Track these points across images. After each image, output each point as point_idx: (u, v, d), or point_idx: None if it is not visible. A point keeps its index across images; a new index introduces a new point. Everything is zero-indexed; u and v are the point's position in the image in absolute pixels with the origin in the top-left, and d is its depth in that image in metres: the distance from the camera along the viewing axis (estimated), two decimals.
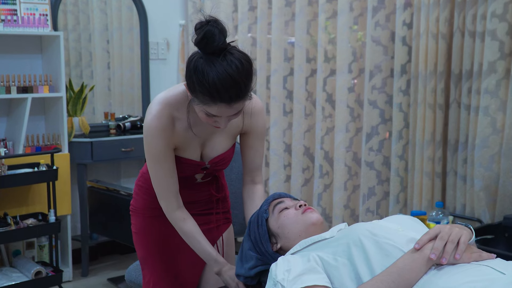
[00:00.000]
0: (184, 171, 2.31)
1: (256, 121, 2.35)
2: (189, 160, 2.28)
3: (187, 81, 1.96)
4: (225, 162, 2.39)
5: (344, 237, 1.83)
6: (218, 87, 1.88)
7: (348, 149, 3.94)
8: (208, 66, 1.88)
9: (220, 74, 1.87)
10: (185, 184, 2.35)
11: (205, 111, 1.98)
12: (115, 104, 5.09)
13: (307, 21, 4.13)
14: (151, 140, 2.15)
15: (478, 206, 3.12)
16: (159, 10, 5.07)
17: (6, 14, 4.08)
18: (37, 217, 4.09)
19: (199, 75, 1.89)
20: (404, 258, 1.67)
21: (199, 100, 1.95)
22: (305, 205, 2.11)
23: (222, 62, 1.88)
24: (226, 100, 1.91)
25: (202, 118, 2.03)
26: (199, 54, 1.92)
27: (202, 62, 1.89)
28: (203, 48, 1.90)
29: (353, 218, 3.99)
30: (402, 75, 3.54)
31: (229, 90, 1.89)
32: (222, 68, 1.87)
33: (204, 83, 1.88)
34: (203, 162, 2.32)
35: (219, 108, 1.94)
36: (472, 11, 3.11)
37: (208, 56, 1.90)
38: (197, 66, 1.90)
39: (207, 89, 1.89)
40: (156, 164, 2.20)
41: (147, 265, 2.51)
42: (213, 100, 1.91)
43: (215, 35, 1.88)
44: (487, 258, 1.69)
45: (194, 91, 1.94)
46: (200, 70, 1.89)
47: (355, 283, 1.72)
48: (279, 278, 1.77)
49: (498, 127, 3.03)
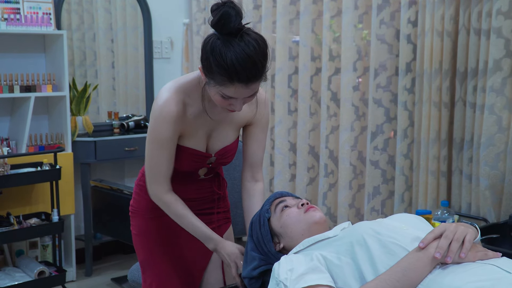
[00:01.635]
0: (190, 165, 2.30)
1: (261, 110, 2.36)
2: (196, 151, 2.26)
3: (203, 63, 1.98)
4: (230, 155, 2.39)
5: (348, 236, 1.82)
6: (236, 67, 1.90)
7: (353, 148, 3.92)
8: (226, 46, 1.90)
9: (238, 54, 1.89)
10: (188, 181, 2.34)
11: (221, 93, 1.99)
12: (119, 104, 5.09)
13: (312, 19, 4.11)
14: (159, 125, 2.14)
15: (483, 205, 3.10)
16: (163, 9, 5.07)
17: (9, 12, 4.08)
18: (40, 216, 4.10)
19: (217, 55, 1.91)
20: (409, 257, 1.65)
21: (215, 81, 1.96)
22: (308, 203, 2.09)
23: (240, 42, 1.91)
24: (243, 80, 1.93)
25: (217, 101, 2.04)
26: (216, 35, 1.94)
27: (220, 43, 1.91)
28: (219, 29, 1.92)
29: (358, 217, 3.97)
30: (407, 74, 3.51)
31: (247, 70, 1.92)
32: (240, 48, 1.90)
33: (222, 63, 1.90)
34: (210, 154, 2.31)
35: (236, 88, 1.96)
36: (478, 8, 3.09)
37: (225, 37, 1.92)
38: (214, 47, 1.92)
39: (225, 69, 1.91)
40: (158, 149, 2.18)
41: (149, 267, 2.49)
42: (230, 81, 1.93)
43: (231, 16, 1.89)
44: (493, 257, 1.68)
45: (211, 72, 1.95)
46: (218, 51, 1.91)
47: (358, 282, 1.70)
48: (282, 278, 1.75)
49: (504, 126, 3.01)
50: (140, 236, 2.49)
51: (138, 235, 2.50)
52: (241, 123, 2.36)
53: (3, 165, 3.75)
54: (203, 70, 2.00)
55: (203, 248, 2.44)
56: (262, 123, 2.40)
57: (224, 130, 2.31)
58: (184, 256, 2.48)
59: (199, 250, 2.46)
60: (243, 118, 2.33)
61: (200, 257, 2.50)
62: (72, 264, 4.47)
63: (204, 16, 5.01)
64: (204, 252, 2.47)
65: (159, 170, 2.22)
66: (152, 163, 2.22)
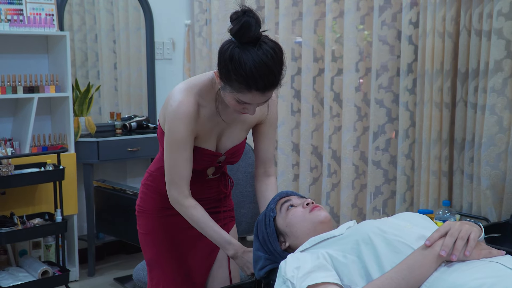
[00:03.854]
0: (200, 164, 2.32)
1: (271, 109, 2.40)
2: (207, 151, 2.29)
3: (221, 70, 2.01)
4: (239, 154, 2.42)
5: (353, 234, 1.83)
6: (255, 76, 1.94)
7: (356, 148, 3.94)
8: (245, 55, 1.94)
9: (257, 63, 1.93)
10: (196, 180, 2.35)
11: (237, 99, 2.03)
12: (122, 104, 5.10)
13: (314, 20, 4.13)
14: (177, 126, 2.16)
15: (484, 205, 3.11)
16: (165, 10, 5.08)
17: (12, 14, 4.09)
18: (43, 216, 4.10)
19: (236, 64, 1.94)
20: (414, 255, 1.67)
21: (232, 88, 2.00)
22: (313, 203, 2.11)
23: (258, 51, 1.94)
24: (261, 88, 1.98)
25: (231, 105, 2.08)
26: (234, 43, 1.97)
27: (239, 51, 1.95)
28: (239, 38, 1.96)
29: (360, 217, 3.99)
30: (409, 74, 3.53)
31: (264, 78, 1.96)
32: (258, 57, 1.94)
33: (241, 71, 1.94)
34: (220, 153, 2.34)
35: (253, 96, 2.00)
36: (479, 9, 3.10)
37: (243, 45, 1.95)
38: (233, 55, 1.95)
39: (243, 77, 1.95)
40: (176, 150, 2.19)
41: (157, 266, 2.50)
42: (248, 88, 1.98)
43: (251, 26, 1.93)
44: (497, 254, 1.70)
45: (229, 80, 1.99)
46: (237, 59, 1.94)
47: (364, 280, 1.72)
48: (289, 276, 1.77)
49: (505, 126, 3.03)
50: (147, 235, 2.50)
51: (145, 234, 2.51)
52: (252, 123, 2.39)
53: (7, 166, 3.76)
54: (220, 76, 2.03)
55: (209, 247, 2.46)
56: (272, 120, 2.43)
57: (235, 130, 2.34)
58: (191, 254, 2.49)
59: (205, 248, 2.49)
60: (254, 118, 2.37)
61: (206, 256, 2.51)
62: (75, 264, 4.48)
63: (206, 17, 5.03)
64: (210, 250, 2.50)
65: (179, 173, 2.22)
66: (171, 165, 2.23)
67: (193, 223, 2.29)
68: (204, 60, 5.03)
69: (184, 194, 2.25)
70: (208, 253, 2.51)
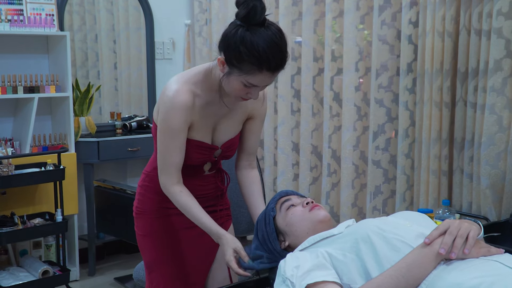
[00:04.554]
0: (197, 158, 2.33)
1: (265, 103, 2.45)
2: (202, 143, 2.30)
3: (229, 54, 2.04)
4: (234, 148, 2.44)
5: (353, 233, 1.84)
6: (268, 55, 1.99)
7: (355, 147, 3.94)
8: (256, 36, 1.99)
9: (269, 43, 1.99)
10: (193, 177, 2.37)
11: (245, 82, 2.07)
12: (122, 104, 5.11)
13: (314, 20, 4.13)
14: (172, 115, 2.18)
15: (484, 204, 3.12)
16: (165, 10, 5.09)
17: (13, 14, 4.10)
18: (44, 216, 4.11)
19: (248, 45, 1.99)
20: (414, 253, 1.68)
21: (242, 70, 2.04)
22: (312, 202, 2.11)
23: (267, 31, 2.01)
24: (272, 68, 2.03)
25: (235, 91, 2.12)
26: (242, 26, 2.01)
27: (249, 33, 2.00)
28: (247, 21, 2.00)
29: (360, 216, 3.99)
30: (408, 74, 3.54)
31: (276, 58, 2.02)
32: (269, 37, 2.00)
33: (253, 52, 1.99)
34: (216, 146, 2.35)
35: (263, 76, 2.05)
36: (478, 9, 3.11)
37: (252, 28, 2.00)
38: (245, 37, 2.00)
39: (256, 57, 1.99)
40: (170, 138, 2.21)
41: (156, 268, 2.49)
42: (259, 69, 2.02)
43: (259, 9, 1.99)
44: (496, 253, 1.70)
45: (240, 62, 2.03)
46: (249, 40, 1.99)
47: (363, 278, 1.73)
48: (288, 275, 1.78)
49: (505, 125, 3.03)
50: (147, 237, 2.49)
51: (144, 236, 2.50)
52: (245, 117, 2.42)
53: (7, 166, 3.77)
54: (227, 60, 2.06)
55: (208, 245, 2.46)
56: (262, 116, 2.48)
57: (229, 123, 2.36)
58: (190, 255, 2.49)
59: (205, 247, 2.49)
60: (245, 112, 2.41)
61: (205, 255, 2.51)
62: (76, 263, 4.48)
63: (206, 17, 5.04)
64: (210, 249, 2.50)
65: (171, 161, 2.24)
66: (163, 153, 2.24)
67: (181, 208, 2.30)
68: (204, 60, 5.04)
69: (172, 181, 2.26)
70: (208, 252, 2.51)
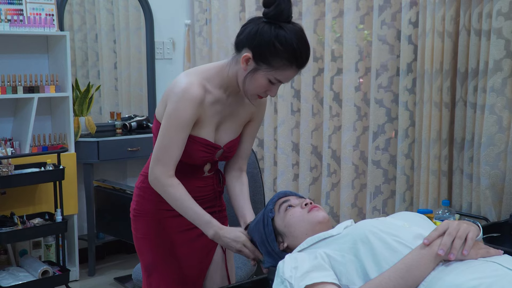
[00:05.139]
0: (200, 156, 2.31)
1: (263, 109, 2.49)
2: (207, 141, 2.29)
3: (260, 51, 2.09)
4: (234, 149, 2.45)
5: (351, 234, 1.84)
6: (300, 50, 2.08)
7: (355, 147, 3.94)
8: (288, 33, 2.06)
9: (299, 38, 2.08)
10: (193, 178, 2.37)
11: (271, 78, 2.13)
12: (122, 104, 5.11)
13: (314, 20, 4.13)
14: (182, 107, 2.17)
15: (484, 204, 3.11)
16: (165, 10, 5.09)
17: (13, 14, 4.10)
18: (43, 216, 4.11)
19: (282, 40, 2.05)
20: (412, 254, 1.67)
21: (271, 66, 2.10)
22: (311, 203, 2.11)
23: (295, 27, 2.09)
24: (301, 63, 2.12)
25: (258, 87, 2.17)
26: (273, 24, 2.08)
27: (282, 30, 2.06)
28: (276, 19, 2.07)
29: (360, 216, 3.99)
30: (408, 74, 3.53)
31: (304, 53, 2.11)
32: (298, 34, 2.08)
33: (288, 47, 2.06)
34: (219, 145, 2.35)
35: (290, 72, 2.13)
36: (478, 9, 3.10)
37: (282, 25, 2.07)
38: (279, 33, 2.06)
39: (291, 53, 2.07)
40: (175, 131, 2.19)
41: (156, 271, 2.47)
42: (290, 64, 2.10)
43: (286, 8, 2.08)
44: (495, 254, 1.70)
45: (274, 56, 2.08)
46: (283, 37, 2.05)
47: (362, 279, 1.72)
48: (287, 276, 1.77)
49: (504, 125, 3.03)
50: (146, 239, 2.47)
51: (144, 239, 2.47)
52: (248, 118, 2.44)
53: (7, 166, 3.77)
54: (255, 57, 2.10)
55: (206, 248, 2.46)
56: (260, 119, 2.50)
57: (232, 123, 2.37)
58: (189, 256, 2.48)
59: (202, 250, 2.48)
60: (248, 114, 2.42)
61: (203, 257, 2.50)
62: (75, 263, 4.49)
63: (206, 17, 5.04)
64: (208, 251, 2.50)
65: (170, 153, 2.21)
66: (164, 145, 2.21)
67: (171, 202, 2.27)
68: (204, 59, 5.04)
69: (168, 174, 2.23)
70: (205, 254, 2.50)
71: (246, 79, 2.16)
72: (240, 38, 2.15)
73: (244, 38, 2.13)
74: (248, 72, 2.14)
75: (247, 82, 2.16)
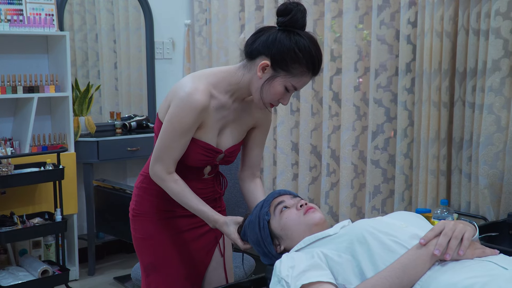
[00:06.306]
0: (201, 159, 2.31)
1: (269, 115, 2.46)
2: (208, 145, 2.28)
3: (281, 58, 2.10)
4: (235, 154, 2.43)
5: (348, 233, 1.84)
6: (318, 57, 2.12)
7: (354, 147, 3.94)
8: (306, 39, 2.10)
9: (315, 46, 2.12)
10: (193, 180, 2.36)
11: (288, 85, 2.14)
12: (122, 104, 5.11)
13: (313, 20, 4.13)
14: (185, 112, 2.15)
15: (482, 204, 3.12)
16: (164, 10, 5.09)
17: (12, 14, 4.10)
18: (43, 216, 4.11)
19: (302, 47, 2.08)
20: (409, 254, 1.68)
21: (291, 73, 2.11)
22: (306, 204, 2.10)
23: (310, 35, 2.13)
24: (317, 70, 2.16)
25: (275, 94, 2.16)
26: (291, 32, 2.10)
27: (300, 37, 2.09)
28: (292, 26, 2.10)
29: (359, 216, 3.99)
30: (407, 74, 3.54)
31: (321, 60, 2.15)
32: (313, 41, 2.12)
33: (307, 55, 2.09)
34: (220, 150, 2.33)
35: (306, 79, 2.15)
36: (477, 9, 3.11)
37: (298, 31, 2.11)
38: (298, 41, 2.09)
39: (309, 59, 2.10)
40: (177, 136, 2.18)
41: (155, 271, 2.46)
42: (308, 71, 2.12)
43: (300, 17, 2.11)
44: (490, 254, 1.70)
45: (295, 63, 2.10)
46: (302, 43, 2.08)
47: (358, 279, 1.73)
48: (284, 275, 1.77)
49: (503, 125, 3.03)
50: (146, 240, 2.46)
51: (144, 239, 2.47)
52: (251, 125, 2.42)
53: (6, 165, 3.77)
54: (274, 64, 2.11)
55: (205, 248, 2.47)
56: (267, 125, 2.48)
57: (235, 129, 2.36)
58: (188, 257, 2.48)
59: (201, 250, 2.49)
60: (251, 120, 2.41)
61: (202, 257, 2.50)
62: (75, 263, 4.49)
63: (206, 17, 5.04)
64: (206, 252, 2.51)
65: (170, 154, 2.22)
66: (166, 146, 2.21)
67: (175, 196, 2.29)
68: (204, 60, 5.04)
69: (168, 170, 2.25)
70: (204, 254, 2.51)
71: (264, 87, 2.15)
72: (255, 47, 2.13)
73: (260, 46, 2.12)
74: (265, 80, 2.14)
75: (265, 89, 2.15)
